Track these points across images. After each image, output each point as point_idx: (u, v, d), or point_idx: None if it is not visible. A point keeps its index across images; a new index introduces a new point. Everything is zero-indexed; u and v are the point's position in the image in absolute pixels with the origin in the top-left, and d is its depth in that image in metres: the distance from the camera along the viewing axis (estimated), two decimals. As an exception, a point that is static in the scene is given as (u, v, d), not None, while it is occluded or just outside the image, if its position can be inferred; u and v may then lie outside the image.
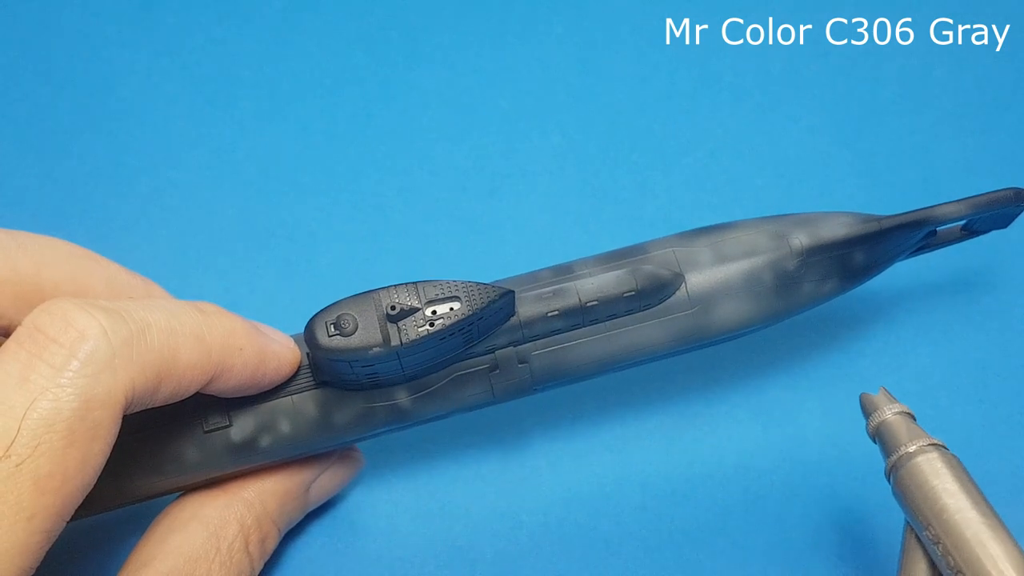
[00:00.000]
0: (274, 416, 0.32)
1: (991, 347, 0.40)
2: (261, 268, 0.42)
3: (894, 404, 0.31)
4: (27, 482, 0.25)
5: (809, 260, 0.34)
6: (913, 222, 0.34)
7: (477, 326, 0.31)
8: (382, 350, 0.30)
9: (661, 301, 0.33)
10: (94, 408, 0.26)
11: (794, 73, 0.45)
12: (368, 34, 0.47)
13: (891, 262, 0.35)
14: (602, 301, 0.33)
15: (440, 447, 0.38)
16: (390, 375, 0.32)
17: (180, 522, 0.32)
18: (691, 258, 0.34)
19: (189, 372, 0.29)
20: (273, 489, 0.34)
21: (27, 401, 0.25)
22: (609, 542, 0.37)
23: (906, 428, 0.30)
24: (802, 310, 0.35)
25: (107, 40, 0.46)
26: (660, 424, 0.39)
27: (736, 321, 0.34)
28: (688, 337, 0.34)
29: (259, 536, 0.33)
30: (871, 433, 0.31)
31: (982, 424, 0.38)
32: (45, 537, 0.26)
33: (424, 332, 0.30)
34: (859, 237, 0.34)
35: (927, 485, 0.29)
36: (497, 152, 0.44)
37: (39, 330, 0.26)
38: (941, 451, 0.29)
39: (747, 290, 0.33)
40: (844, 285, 0.35)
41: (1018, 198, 0.35)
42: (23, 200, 0.43)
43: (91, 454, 0.26)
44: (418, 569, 0.37)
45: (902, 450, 0.30)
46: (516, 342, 0.33)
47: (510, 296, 0.31)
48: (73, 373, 0.26)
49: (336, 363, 0.31)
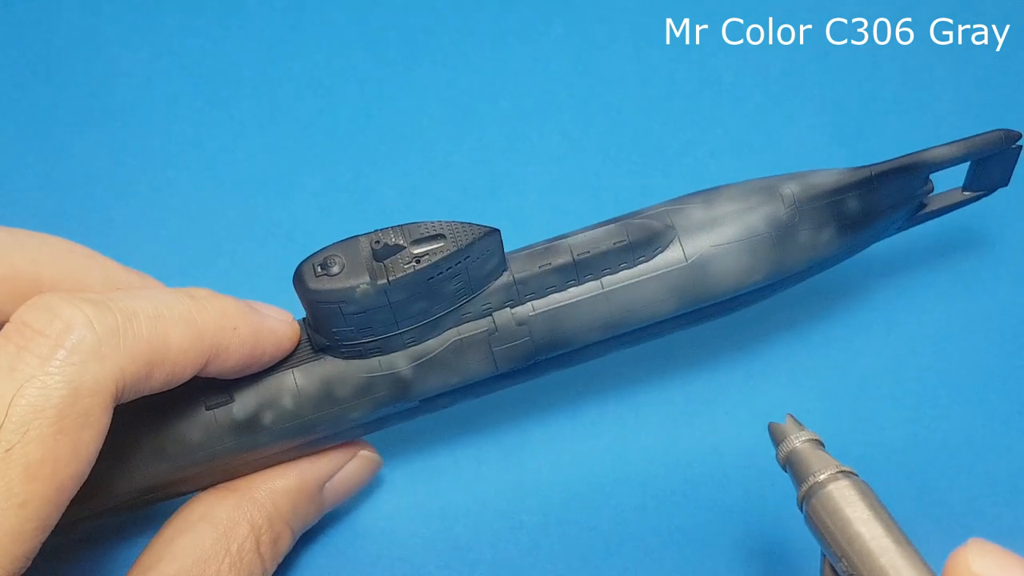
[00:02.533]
0: (275, 391, 0.32)
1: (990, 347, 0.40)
2: (261, 268, 0.42)
3: (802, 432, 0.30)
4: (17, 468, 0.25)
5: (802, 207, 0.34)
6: (903, 167, 0.34)
7: (467, 271, 0.31)
8: (369, 287, 0.30)
9: (655, 253, 0.33)
10: (83, 396, 0.26)
11: (794, 73, 0.45)
12: (368, 34, 0.47)
13: (890, 215, 0.35)
14: (594, 253, 0.33)
15: (441, 447, 0.38)
16: (385, 330, 0.31)
17: (189, 523, 0.32)
18: (682, 214, 0.34)
19: (182, 357, 0.29)
20: (284, 488, 0.34)
21: (13, 389, 0.26)
22: (609, 542, 0.37)
23: (815, 456, 0.29)
24: (806, 266, 0.34)
25: (107, 40, 0.46)
26: (660, 424, 0.39)
27: (736, 275, 0.33)
28: (688, 293, 0.33)
29: (271, 537, 0.33)
30: (781, 462, 0.30)
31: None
32: (38, 525, 0.26)
33: (410, 269, 0.30)
34: (850, 184, 0.34)
35: (840, 514, 0.28)
36: (497, 152, 0.44)
37: (26, 324, 0.27)
38: (852, 478, 0.29)
39: (742, 240, 0.33)
40: (844, 238, 0.34)
41: (1008, 139, 0.35)
42: (23, 200, 0.43)
43: (82, 442, 0.26)
44: (418, 569, 0.37)
45: (812, 479, 0.29)
46: (512, 302, 0.33)
47: (496, 236, 0.31)
48: (60, 362, 0.26)
49: (327, 311, 0.30)
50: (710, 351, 0.40)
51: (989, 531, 0.36)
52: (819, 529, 0.29)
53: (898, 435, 0.38)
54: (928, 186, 0.36)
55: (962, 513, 0.37)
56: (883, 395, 0.39)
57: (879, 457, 0.38)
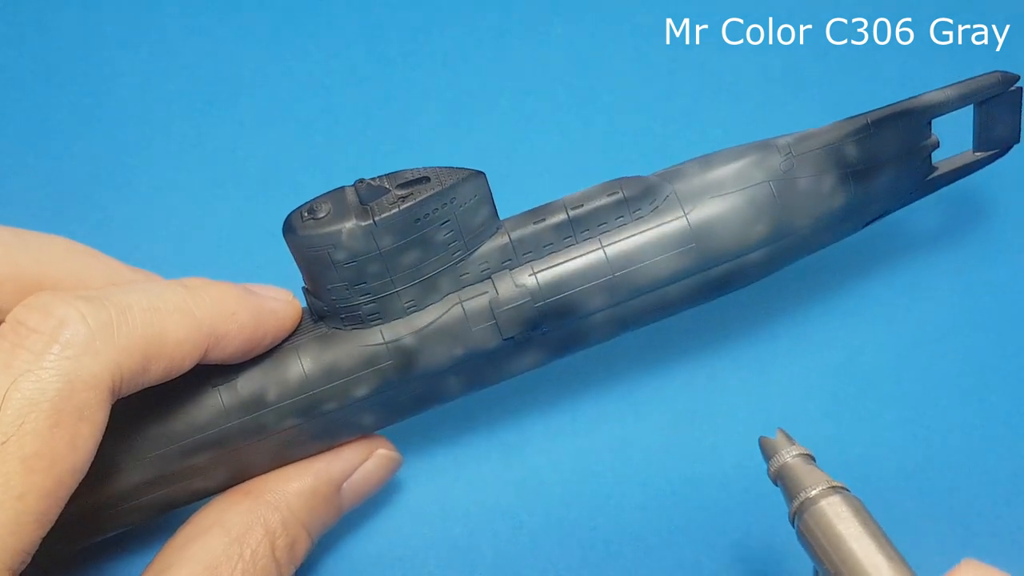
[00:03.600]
0: (279, 366, 0.33)
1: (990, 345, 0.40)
2: (261, 268, 0.42)
3: (793, 447, 0.30)
4: (14, 461, 0.26)
5: (798, 155, 0.34)
6: (899, 112, 0.34)
7: (456, 217, 0.31)
8: (355, 227, 0.30)
9: (651, 208, 0.33)
10: (79, 390, 0.26)
11: (794, 73, 0.45)
12: (368, 34, 0.47)
13: (895, 169, 0.35)
14: (588, 208, 0.33)
15: (441, 447, 0.38)
16: (381, 289, 0.32)
17: (201, 528, 0.32)
18: (677, 173, 0.34)
19: (180, 348, 0.29)
20: (299, 490, 0.33)
21: (8, 382, 0.26)
22: (609, 542, 0.37)
23: (806, 471, 0.29)
24: (811, 220, 0.34)
25: (107, 40, 0.46)
26: (660, 424, 0.39)
27: (737, 227, 0.33)
28: (690, 249, 0.33)
29: (287, 541, 0.33)
30: (772, 477, 0.30)
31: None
32: (36, 519, 0.26)
33: (395, 209, 0.30)
34: (846, 131, 0.34)
35: (832, 531, 0.28)
36: (497, 152, 0.44)
37: (20, 323, 0.27)
38: (843, 494, 0.29)
39: (739, 189, 0.33)
40: (846, 187, 0.34)
41: (1006, 81, 0.35)
42: (23, 200, 0.43)
43: (79, 436, 0.27)
44: (418, 569, 0.37)
45: (803, 495, 0.29)
46: (510, 263, 0.33)
47: (481, 178, 0.32)
48: (55, 357, 0.26)
49: (318, 261, 0.31)
50: (710, 351, 0.40)
51: (989, 531, 0.36)
52: (811, 545, 0.29)
53: (898, 435, 0.38)
54: (932, 139, 0.35)
55: (962, 513, 0.37)
56: (883, 395, 0.39)
57: (879, 457, 0.38)
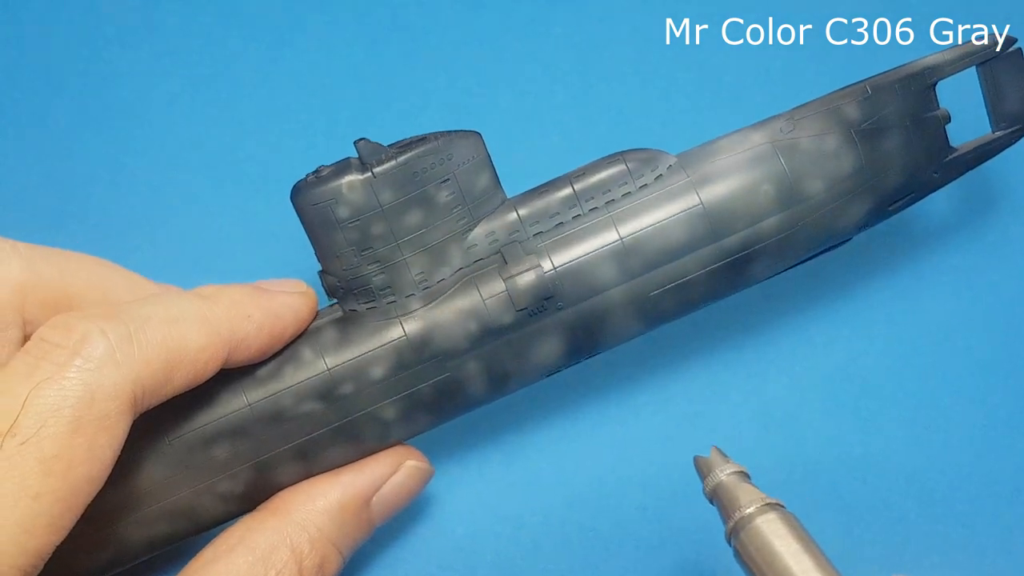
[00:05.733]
0: (293, 347, 0.33)
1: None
2: (261, 268, 0.42)
3: (728, 464, 0.30)
4: (31, 461, 0.26)
5: (797, 118, 0.34)
6: (898, 76, 0.35)
7: (456, 178, 0.33)
8: (355, 179, 0.32)
9: (655, 176, 0.33)
10: (100, 399, 0.27)
11: (794, 73, 0.45)
12: (368, 34, 0.47)
13: (898, 130, 0.34)
14: (592, 179, 0.34)
15: (441, 447, 0.38)
16: (389, 254, 0.32)
17: (227, 547, 0.31)
18: (681, 152, 0.34)
19: (201, 355, 0.30)
20: (327, 507, 0.32)
21: (30, 387, 0.26)
22: (609, 542, 0.37)
23: (741, 489, 0.29)
24: (822, 181, 0.33)
25: (107, 40, 0.46)
26: (660, 424, 0.39)
27: (744, 191, 0.33)
28: (695, 207, 0.33)
29: (316, 561, 0.32)
30: (708, 495, 0.30)
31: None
32: (50, 522, 0.26)
33: (393, 163, 0.32)
34: (845, 95, 0.34)
35: (768, 548, 0.28)
36: (497, 152, 0.44)
37: (44, 340, 0.28)
38: (779, 511, 0.29)
39: (742, 152, 0.34)
40: (853, 148, 0.34)
41: (1006, 43, 0.35)
42: (23, 200, 0.43)
43: (98, 445, 0.27)
44: (418, 569, 0.37)
45: (738, 514, 0.29)
46: (519, 235, 0.33)
47: (477, 137, 0.33)
48: (77, 368, 0.27)
49: (323, 221, 0.32)
50: (710, 351, 0.40)
51: (989, 531, 0.36)
52: (747, 564, 0.28)
53: (898, 435, 0.38)
54: (940, 110, 0.35)
55: (962, 513, 0.37)
56: (883, 395, 0.39)
57: (879, 458, 0.38)
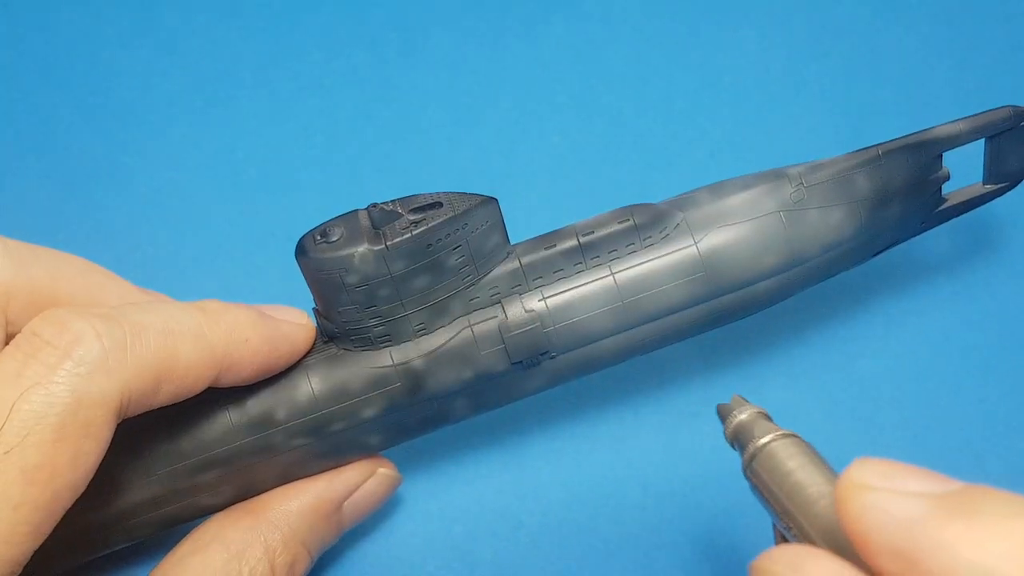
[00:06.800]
0: (289, 386, 0.33)
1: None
2: (261, 268, 0.42)
3: (748, 406, 0.30)
4: (14, 471, 0.26)
5: (809, 185, 0.34)
6: (910, 144, 0.34)
7: (468, 243, 0.31)
8: (368, 251, 0.30)
9: (662, 235, 0.33)
10: (86, 406, 0.26)
11: (794, 73, 0.45)
12: (368, 34, 0.47)
13: (904, 201, 0.35)
14: (599, 234, 0.33)
15: (440, 447, 0.38)
16: (392, 312, 0.32)
17: (201, 544, 0.32)
18: (688, 200, 0.34)
19: (191, 371, 0.29)
20: (300, 509, 0.33)
21: (17, 393, 0.26)
22: (609, 542, 0.37)
23: (759, 425, 0.29)
24: (820, 252, 0.34)
25: (107, 40, 0.47)
26: (660, 424, 0.39)
27: (747, 257, 0.33)
28: (699, 278, 0.33)
29: (287, 559, 0.32)
30: (729, 438, 0.30)
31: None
32: (30, 530, 0.26)
33: (407, 234, 0.30)
34: (857, 162, 0.34)
35: (779, 469, 0.28)
36: (497, 152, 0.44)
37: (36, 335, 0.27)
38: (794, 438, 0.28)
39: (750, 219, 0.33)
40: (856, 219, 0.34)
41: (1017, 115, 0.34)
42: (23, 200, 0.43)
43: (82, 452, 0.27)
44: (418, 569, 0.37)
45: (753, 445, 0.29)
46: (520, 288, 0.33)
47: (494, 204, 0.32)
48: (66, 372, 0.26)
49: (330, 284, 0.31)
50: (710, 352, 0.40)
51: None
52: (761, 491, 0.28)
53: (898, 436, 0.38)
54: (942, 171, 0.35)
55: (962, 513, 0.37)
56: (883, 396, 0.39)
57: (879, 457, 0.38)
